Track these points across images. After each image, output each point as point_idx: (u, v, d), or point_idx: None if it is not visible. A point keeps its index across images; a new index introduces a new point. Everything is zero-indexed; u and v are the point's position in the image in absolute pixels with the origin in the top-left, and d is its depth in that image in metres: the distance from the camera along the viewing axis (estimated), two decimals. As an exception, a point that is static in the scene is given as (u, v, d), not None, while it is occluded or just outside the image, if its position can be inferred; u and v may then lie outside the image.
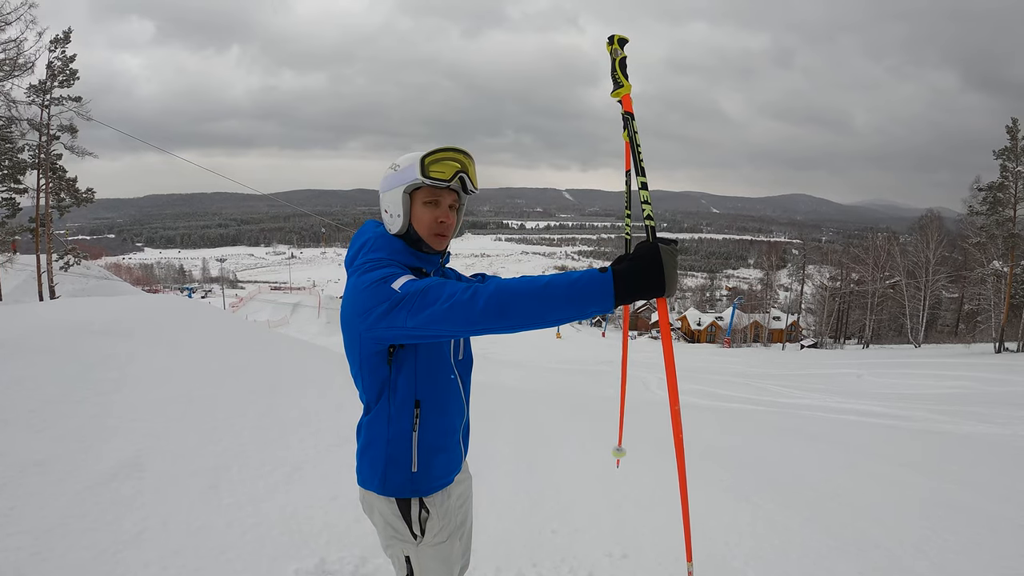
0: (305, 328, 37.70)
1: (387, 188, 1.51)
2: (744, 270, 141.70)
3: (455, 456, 1.62)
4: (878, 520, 3.62)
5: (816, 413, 10.17)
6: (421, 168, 1.44)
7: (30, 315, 6.53)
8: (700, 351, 39.20)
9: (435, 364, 1.51)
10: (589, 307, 1.15)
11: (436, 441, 1.53)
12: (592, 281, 1.14)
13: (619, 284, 1.13)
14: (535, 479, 4.25)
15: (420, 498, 1.52)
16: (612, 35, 1.36)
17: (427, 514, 1.53)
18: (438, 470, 1.55)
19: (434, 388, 1.51)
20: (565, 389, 11.73)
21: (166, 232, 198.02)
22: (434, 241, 1.52)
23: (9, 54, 18.42)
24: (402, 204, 1.48)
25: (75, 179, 21.89)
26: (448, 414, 1.57)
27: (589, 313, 1.15)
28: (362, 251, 1.51)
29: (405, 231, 1.51)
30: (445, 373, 1.55)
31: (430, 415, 1.51)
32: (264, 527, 2.98)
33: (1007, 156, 25.97)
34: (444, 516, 1.56)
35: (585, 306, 1.15)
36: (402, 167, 1.48)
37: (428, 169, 1.44)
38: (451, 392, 1.57)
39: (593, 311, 1.15)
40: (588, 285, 1.14)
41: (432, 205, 1.49)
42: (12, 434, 3.32)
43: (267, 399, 5.26)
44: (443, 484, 1.57)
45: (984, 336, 29.35)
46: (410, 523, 1.53)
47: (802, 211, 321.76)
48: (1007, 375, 15.20)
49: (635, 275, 1.13)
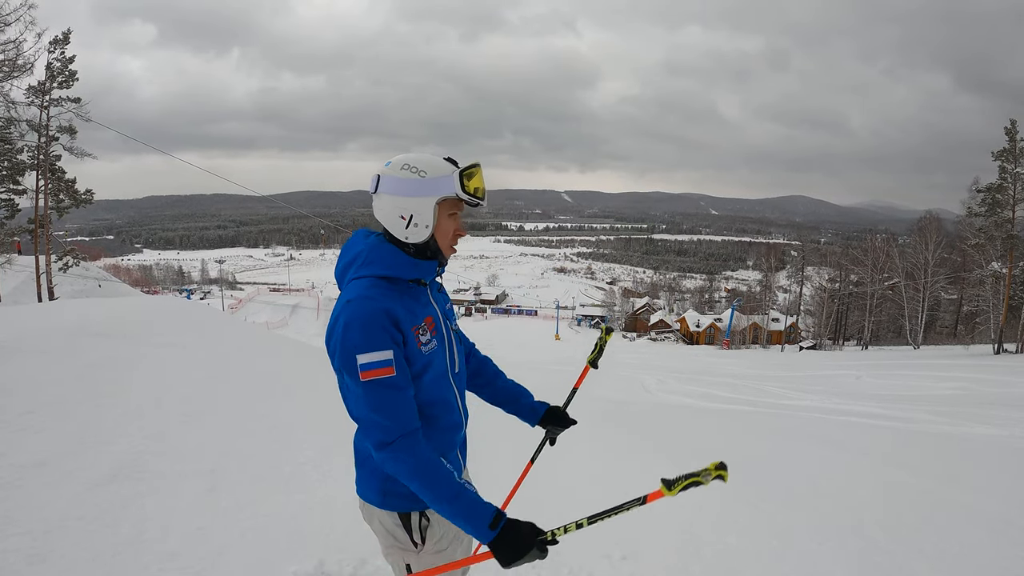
0: (304, 329, 37.66)
1: (412, 194, 1.40)
2: (743, 272, 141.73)
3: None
4: (877, 521, 3.62)
5: (815, 415, 10.16)
6: (461, 183, 1.41)
7: (29, 316, 6.53)
8: (699, 353, 39.20)
9: (431, 380, 1.48)
10: (465, 528, 1.37)
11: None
12: (476, 528, 1.34)
13: (492, 546, 1.34)
14: (534, 481, 4.24)
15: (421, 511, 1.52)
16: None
17: (427, 522, 1.52)
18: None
19: (430, 404, 1.49)
20: (564, 389, 11.65)
21: (165, 233, 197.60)
22: (449, 252, 1.51)
23: (8, 55, 18.40)
24: (432, 213, 1.41)
25: (74, 180, 21.84)
26: (446, 429, 1.55)
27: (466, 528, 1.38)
28: (354, 265, 1.46)
29: (428, 240, 1.45)
30: (442, 388, 1.53)
31: (427, 431, 1.47)
32: (263, 529, 2.98)
33: (1006, 158, 26.00)
34: (445, 523, 1.54)
35: (463, 526, 1.37)
36: (430, 175, 1.40)
37: (468, 185, 1.41)
38: (449, 408, 1.56)
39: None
40: (472, 525, 1.35)
41: (454, 218, 1.47)
42: (11, 435, 3.32)
43: (266, 400, 5.25)
44: None
45: (983, 337, 29.36)
46: (411, 532, 1.52)
47: (801, 212, 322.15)
48: (1006, 376, 15.20)
49: (498, 552, 1.34)
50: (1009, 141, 25.92)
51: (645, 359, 29.53)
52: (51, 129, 20.69)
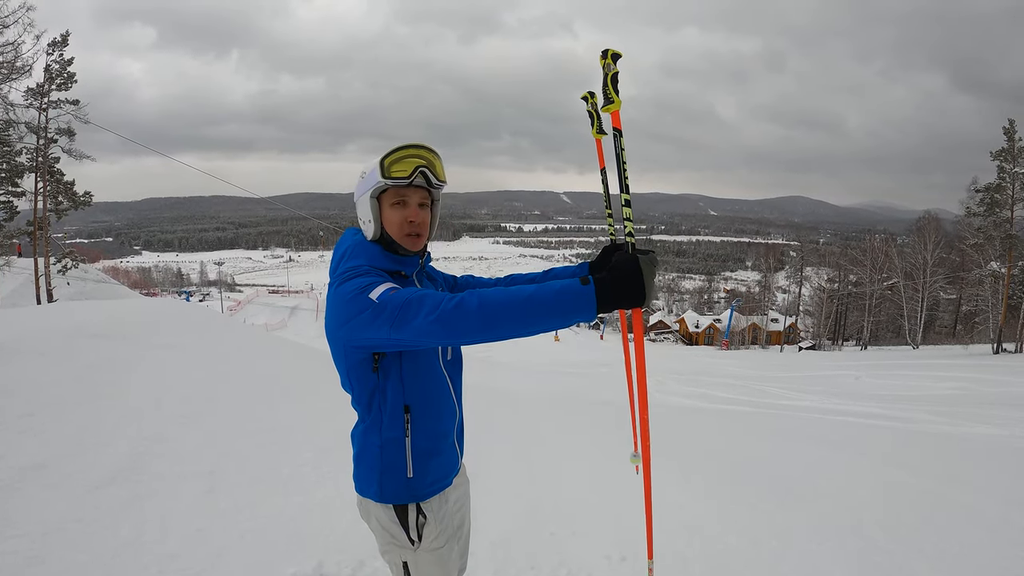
0: (303, 331, 37.60)
1: (357, 196, 1.51)
2: (742, 272, 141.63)
3: (450, 458, 1.61)
4: (877, 522, 3.62)
5: (814, 415, 10.17)
6: (381, 170, 1.44)
7: (27, 318, 6.52)
8: (698, 353, 39.22)
9: (422, 368, 1.50)
10: (573, 317, 1.19)
11: (429, 445, 1.53)
12: (577, 295, 1.18)
13: (601, 295, 1.18)
14: (534, 482, 4.25)
15: (417, 503, 1.52)
16: (606, 49, 1.35)
17: (424, 519, 1.53)
18: (434, 474, 1.55)
19: (423, 393, 1.50)
20: (564, 392, 11.72)
21: (164, 235, 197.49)
22: (407, 242, 1.51)
23: (7, 57, 18.40)
24: (371, 209, 1.48)
25: (73, 182, 21.85)
26: (440, 418, 1.56)
27: (572, 322, 1.21)
28: (343, 260, 1.49)
29: (379, 235, 1.51)
30: (434, 377, 1.54)
31: (421, 420, 1.50)
32: (261, 531, 2.98)
33: (1004, 157, 26.09)
34: (441, 521, 1.55)
35: (569, 316, 1.19)
36: (367, 173, 1.48)
37: (388, 170, 1.43)
38: (442, 395, 1.56)
39: (576, 320, 1.21)
40: (573, 298, 1.19)
41: (400, 206, 1.48)
42: (10, 437, 3.31)
43: (265, 402, 5.25)
44: (440, 488, 1.57)
45: (982, 337, 29.41)
46: (407, 529, 1.52)
47: (800, 213, 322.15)
48: (1005, 376, 15.23)
49: (616, 286, 1.19)
50: (1008, 141, 26.00)
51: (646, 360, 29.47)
52: (50, 131, 20.71)
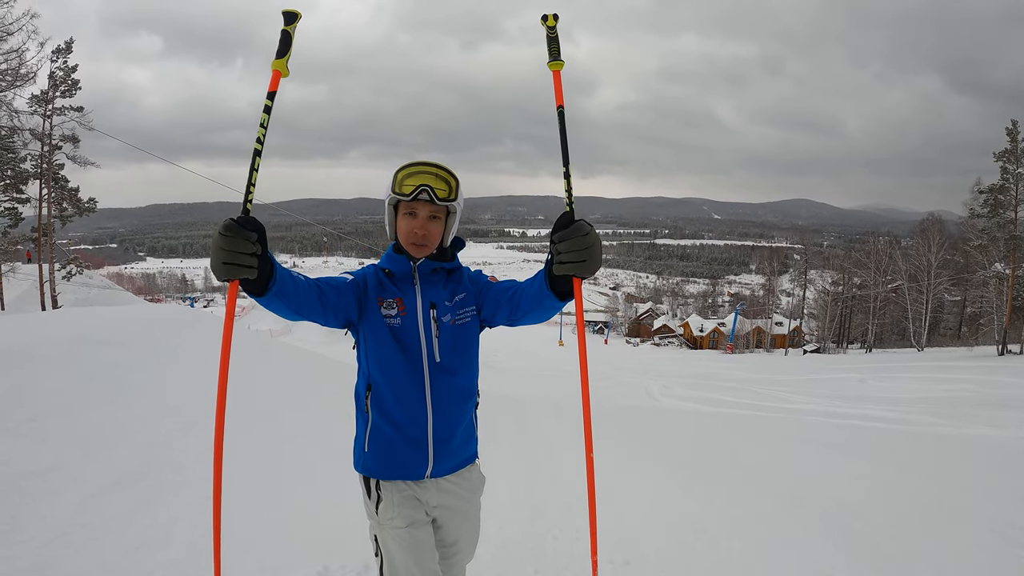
0: (307, 337, 37.52)
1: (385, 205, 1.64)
2: (746, 276, 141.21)
3: (410, 458, 1.60)
4: (880, 524, 3.61)
5: (819, 418, 10.14)
6: (394, 183, 1.55)
7: (32, 324, 6.55)
8: (702, 358, 39.11)
9: (385, 353, 1.58)
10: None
11: (385, 431, 1.59)
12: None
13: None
14: (538, 486, 4.24)
15: (377, 480, 1.60)
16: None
17: (379, 498, 1.60)
18: (386, 460, 1.60)
19: (385, 378, 1.58)
20: (567, 397, 11.71)
21: (168, 241, 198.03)
22: (412, 249, 1.61)
23: (11, 64, 18.53)
24: (387, 216, 1.63)
25: (77, 189, 21.94)
26: (402, 409, 1.58)
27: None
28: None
29: (395, 239, 1.65)
30: (400, 366, 1.57)
31: (380, 403, 1.59)
32: (266, 535, 2.98)
33: (1007, 158, 25.99)
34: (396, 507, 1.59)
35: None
36: (389, 184, 1.60)
37: (398, 184, 1.54)
38: (409, 390, 1.58)
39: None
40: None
41: (410, 216, 1.59)
42: (13, 443, 3.32)
43: (269, 407, 5.26)
44: (391, 477, 1.60)
45: (987, 339, 29.26)
46: (369, 494, 1.62)
47: (803, 216, 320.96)
48: (1010, 378, 15.14)
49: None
50: (1011, 142, 25.91)
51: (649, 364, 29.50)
52: (54, 138, 20.83)
